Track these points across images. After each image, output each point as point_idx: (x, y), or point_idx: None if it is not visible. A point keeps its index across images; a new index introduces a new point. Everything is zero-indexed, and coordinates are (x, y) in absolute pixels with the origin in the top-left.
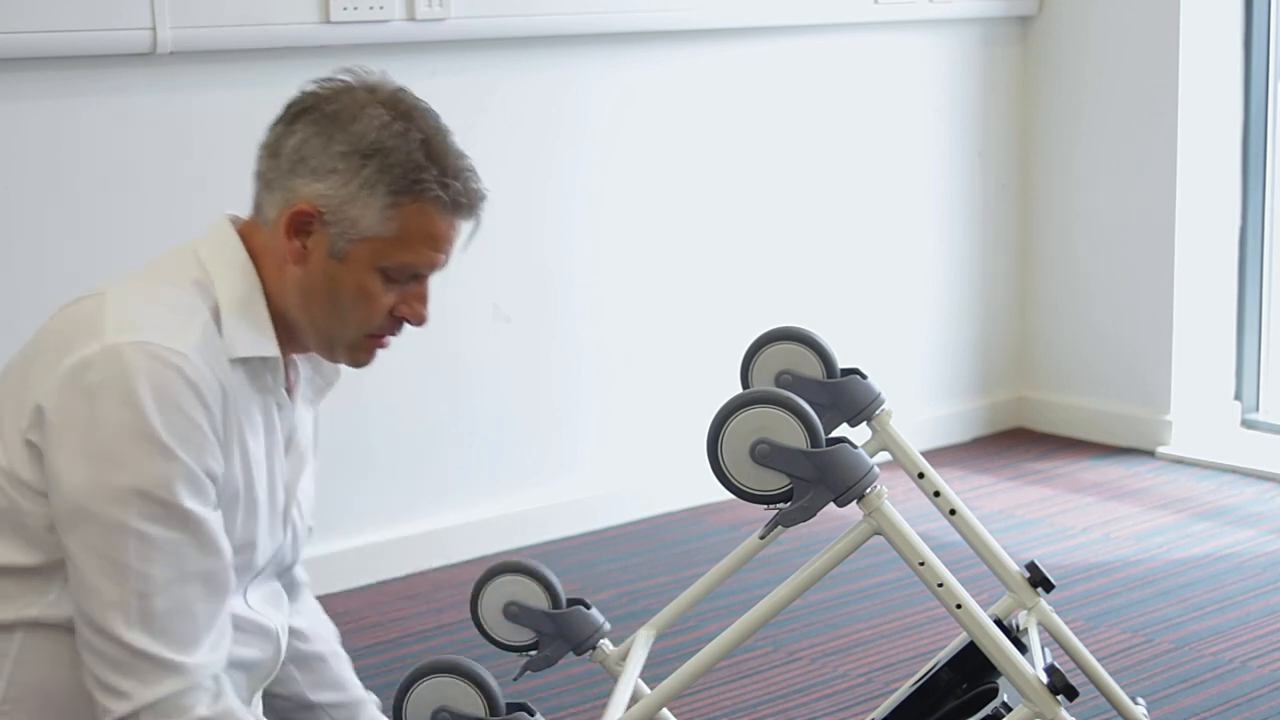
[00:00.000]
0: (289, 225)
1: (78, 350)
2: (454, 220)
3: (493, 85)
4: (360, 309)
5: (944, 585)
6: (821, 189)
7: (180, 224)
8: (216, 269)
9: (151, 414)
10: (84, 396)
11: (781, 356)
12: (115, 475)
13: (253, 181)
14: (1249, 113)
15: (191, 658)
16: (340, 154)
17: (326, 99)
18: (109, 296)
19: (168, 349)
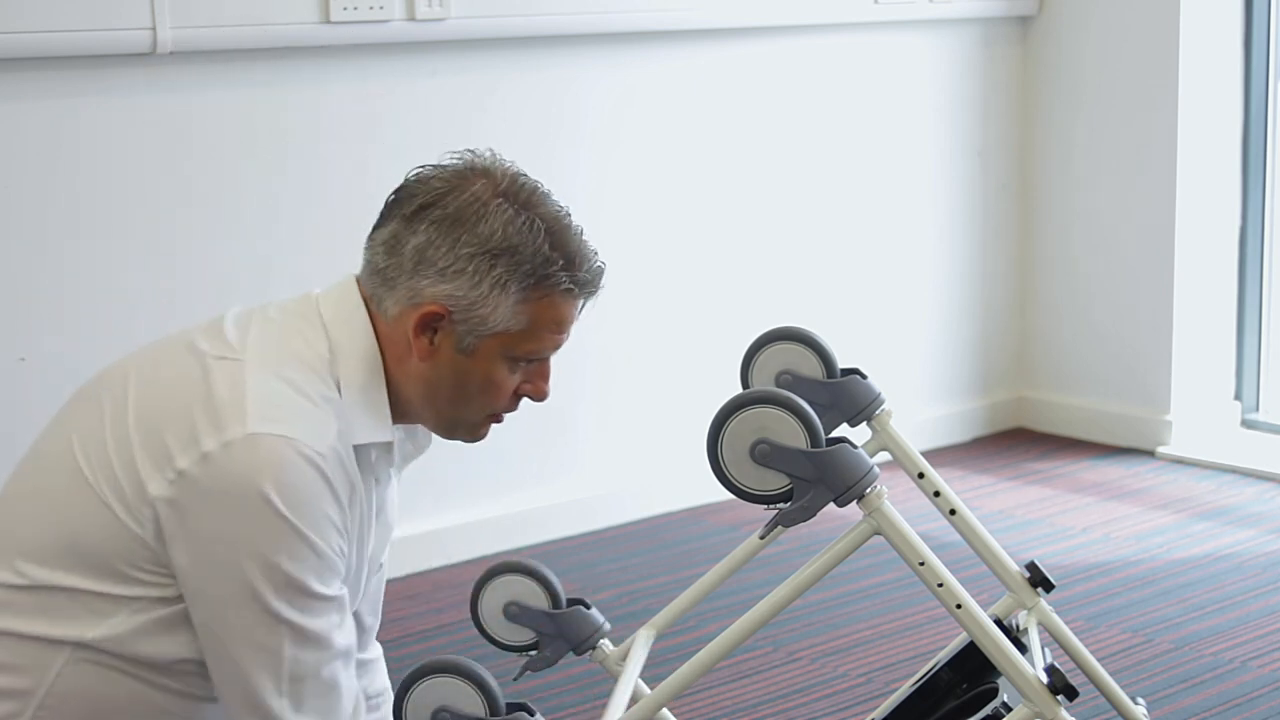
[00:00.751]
0: (417, 325)
1: (222, 431)
2: (578, 304)
3: (493, 85)
4: (487, 396)
5: (944, 585)
6: (821, 189)
7: (181, 224)
8: (343, 350)
9: (294, 509)
10: (227, 485)
11: (781, 356)
12: (264, 569)
13: (366, 266)
14: (1249, 113)
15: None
16: (468, 255)
17: (445, 195)
18: (249, 369)
19: (309, 448)
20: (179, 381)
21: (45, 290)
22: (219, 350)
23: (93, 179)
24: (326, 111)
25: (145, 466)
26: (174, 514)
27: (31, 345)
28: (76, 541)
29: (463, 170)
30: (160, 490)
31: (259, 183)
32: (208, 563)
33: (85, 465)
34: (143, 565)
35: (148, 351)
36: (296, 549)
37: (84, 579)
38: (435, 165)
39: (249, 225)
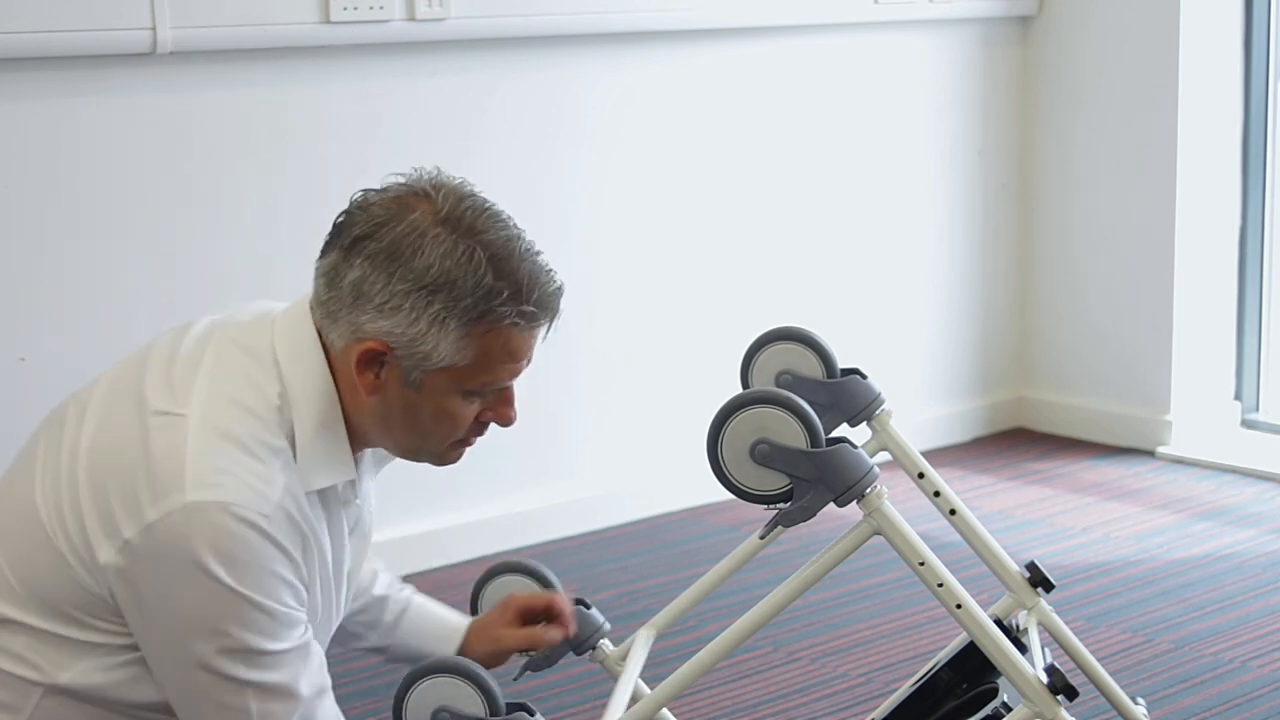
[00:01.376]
0: (359, 361)
1: (161, 500)
2: (533, 332)
3: (493, 85)
4: (443, 428)
5: (944, 585)
6: (821, 189)
7: (181, 224)
8: (296, 393)
9: (237, 576)
10: (169, 556)
11: (781, 356)
12: (214, 639)
13: (313, 294)
14: (1249, 113)
15: None
16: (404, 291)
17: (382, 225)
18: (190, 428)
19: (250, 510)
20: (124, 438)
21: (45, 290)
22: (162, 403)
23: (93, 179)
24: (326, 112)
25: (95, 532)
26: (123, 583)
27: (31, 345)
28: (39, 585)
29: (404, 196)
30: (109, 558)
31: (259, 183)
32: (160, 632)
33: (44, 512)
34: (103, 616)
35: (109, 382)
36: (244, 615)
37: (47, 622)
38: (379, 189)
39: (249, 225)
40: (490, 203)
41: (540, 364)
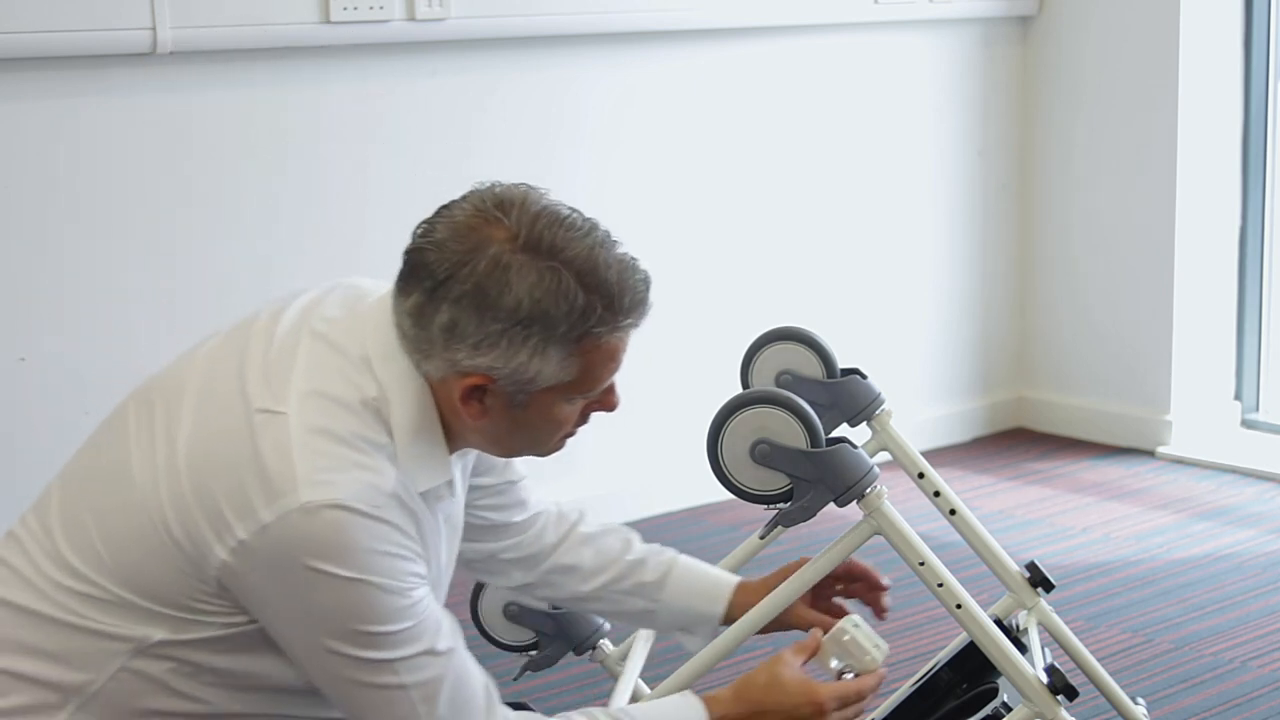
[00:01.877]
0: (463, 395)
1: (275, 500)
2: (630, 332)
3: (493, 85)
4: (550, 431)
5: (944, 585)
6: (821, 189)
7: (181, 224)
8: (393, 392)
9: (358, 567)
10: (289, 556)
11: (781, 356)
12: (344, 635)
13: (397, 326)
14: (1249, 113)
15: (490, 711)
16: (499, 331)
17: (463, 264)
18: (293, 426)
19: (364, 504)
20: (228, 440)
21: (45, 290)
22: (264, 400)
23: (93, 179)
24: (326, 112)
25: (204, 529)
26: (239, 580)
27: (31, 345)
28: (132, 564)
29: (476, 225)
30: (222, 556)
31: (259, 183)
32: (287, 627)
33: (143, 507)
34: (209, 600)
35: (203, 372)
36: (371, 601)
37: (151, 603)
38: (445, 216)
39: (249, 225)
40: (561, 208)
41: None
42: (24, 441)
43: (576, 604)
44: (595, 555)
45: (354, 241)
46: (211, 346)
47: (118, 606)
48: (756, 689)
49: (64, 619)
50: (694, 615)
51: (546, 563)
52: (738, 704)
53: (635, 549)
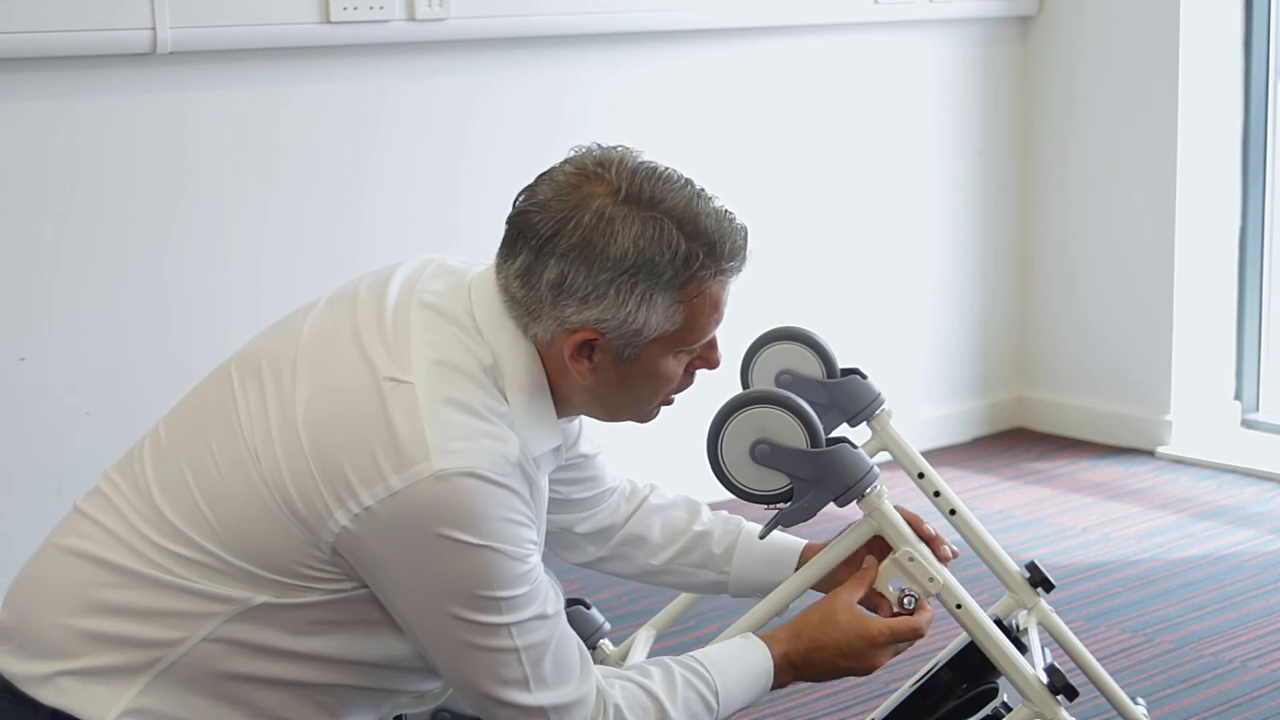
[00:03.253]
0: (572, 351)
1: (406, 467)
2: (733, 279)
3: (493, 85)
4: (656, 388)
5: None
6: (821, 189)
7: (180, 223)
8: (505, 361)
9: (484, 534)
10: (417, 522)
11: (781, 356)
12: (466, 599)
13: (502, 290)
14: (1249, 113)
15: (587, 681)
16: (607, 281)
17: (566, 219)
18: (421, 395)
19: (493, 472)
20: (354, 406)
21: (45, 290)
22: (388, 369)
23: (92, 179)
24: (326, 112)
25: (326, 495)
26: (358, 547)
27: (31, 345)
28: (248, 536)
29: (577, 183)
30: (343, 523)
31: (259, 182)
32: (406, 594)
33: (256, 472)
34: (318, 566)
35: (315, 340)
36: (492, 566)
37: (257, 568)
38: (547, 178)
39: (249, 225)
40: (656, 163)
41: None
42: (24, 441)
43: (649, 578)
44: (664, 527)
45: (354, 241)
46: (316, 316)
47: (220, 571)
48: (811, 625)
49: (161, 579)
50: (764, 584)
51: (618, 536)
52: (794, 640)
53: (703, 519)
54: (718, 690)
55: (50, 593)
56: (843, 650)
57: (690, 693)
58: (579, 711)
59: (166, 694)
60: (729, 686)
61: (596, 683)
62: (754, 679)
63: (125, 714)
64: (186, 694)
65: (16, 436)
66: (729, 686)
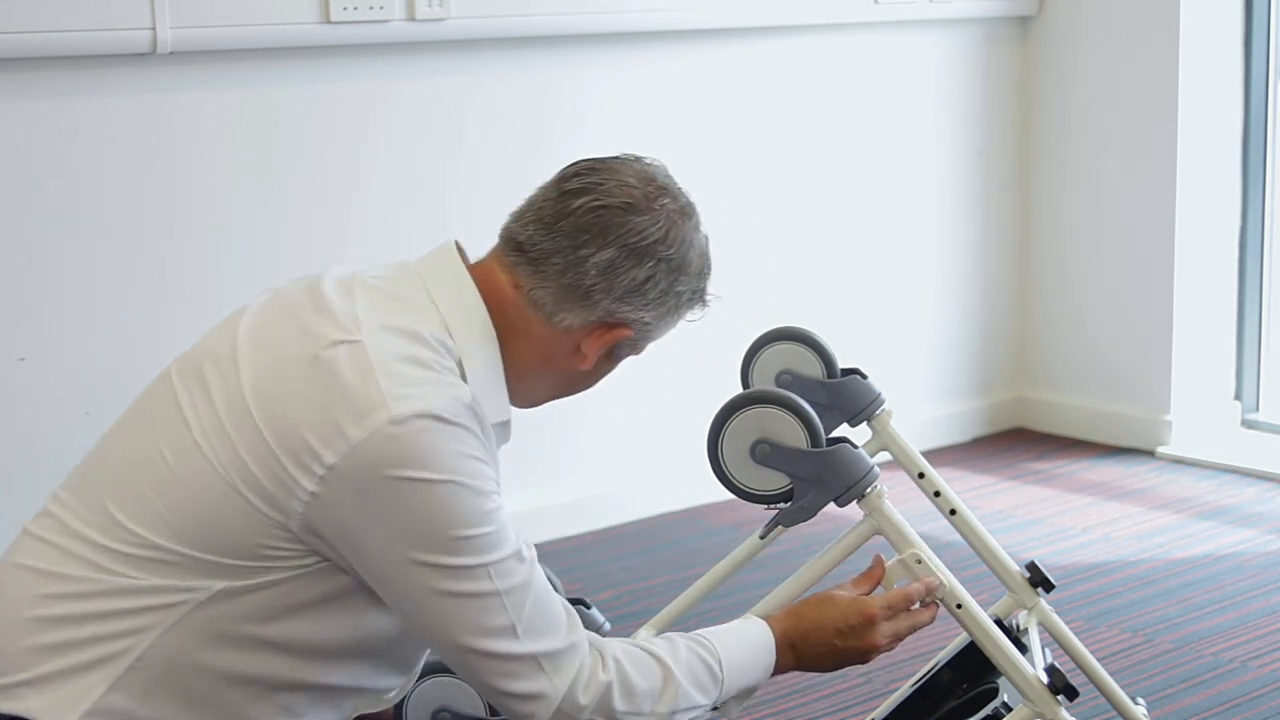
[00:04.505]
0: (605, 343)
1: (364, 418)
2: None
3: (492, 85)
4: (597, 382)
5: (944, 585)
6: (821, 189)
7: (180, 223)
8: (459, 329)
9: (448, 470)
10: (381, 471)
11: (781, 356)
12: (440, 535)
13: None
14: (1249, 113)
15: (575, 632)
16: (678, 293)
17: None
18: (369, 350)
19: (448, 412)
20: (303, 374)
21: (45, 290)
22: (333, 333)
23: (92, 179)
24: (326, 112)
25: (290, 466)
26: (328, 510)
27: (31, 345)
28: (208, 526)
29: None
30: (312, 486)
31: (259, 182)
32: (380, 552)
33: (209, 458)
34: (282, 545)
35: (253, 331)
36: (460, 504)
37: (217, 555)
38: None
39: (248, 224)
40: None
41: None
42: (24, 441)
43: None
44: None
45: (354, 240)
46: (251, 315)
47: (174, 564)
48: (809, 606)
49: (112, 582)
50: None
51: None
52: (793, 620)
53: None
54: (721, 660)
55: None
56: (840, 629)
57: (694, 659)
58: (572, 659)
59: (132, 693)
60: (732, 658)
61: (590, 639)
62: (756, 653)
63: (89, 714)
64: (151, 694)
65: (16, 436)
66: (732, 658)
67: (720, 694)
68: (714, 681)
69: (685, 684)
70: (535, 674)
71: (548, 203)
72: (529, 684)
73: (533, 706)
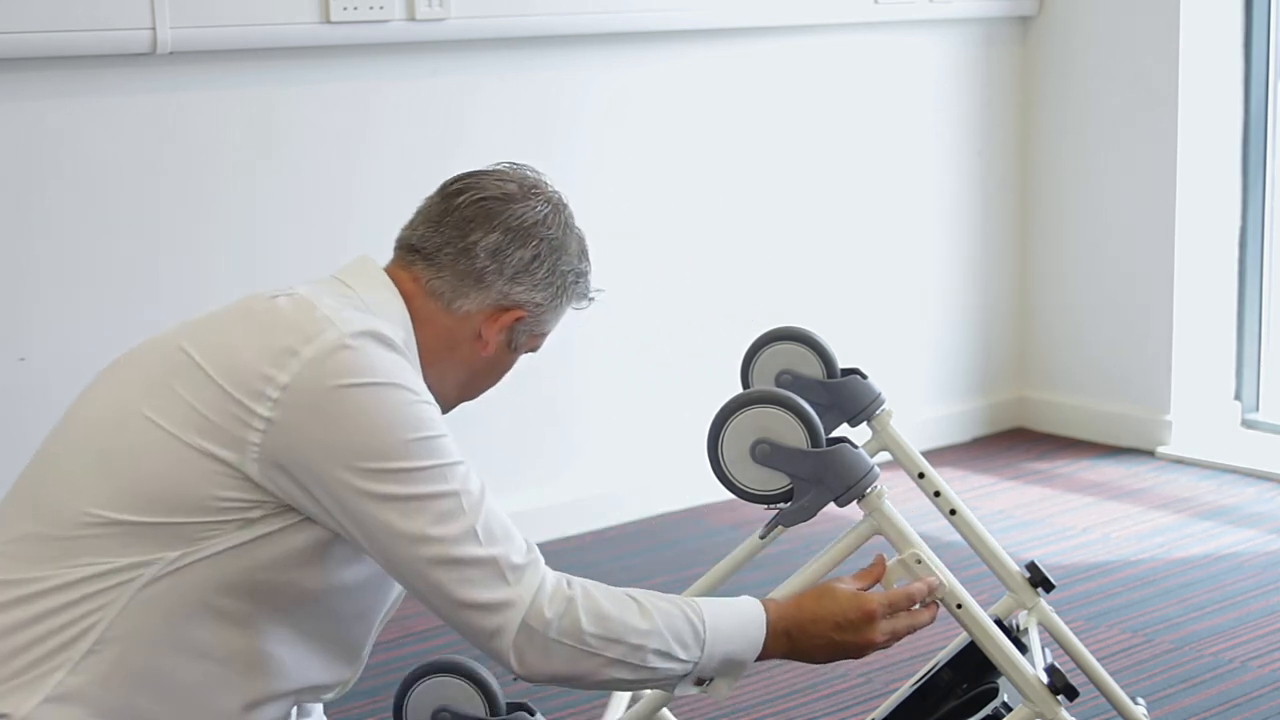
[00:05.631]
0: (500, 326)
1: (315, 338)
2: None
3: (493, 85)
4: (499, 378)
5: (944, 585)
6: (821, 189)
7: (180, 223)
8: (380, 313)
9: (403, 381)
10: (331, 383)
11: (781, 356)
12: (402, 434)
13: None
14: (1249, 113)
15: (533, 548)
16: (562, 273)
17: (543, 224)
18: (312, 294)
19: (395, 338)
20: (249, 324)
21: (45, 290)
22: (270, 294)
23: (92, 179)
24: (326, 112)
25: (245, 399)
26: (285, 439)
27: (31, 345)
28: (160, 487)
29: (548, 196)
30: (267, 412)
31: (259, 182)
32: (337, 472)
33: (158, 417)
34: (238, 497)
35: (186, 327)
36: (408, 406)
37: (169, 516)
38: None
39: (249, 224)
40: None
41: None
42: (24, 441)
43: None
44: None
45: (354, 240)
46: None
47: (128, 537)
48: (809, 598)
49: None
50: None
51: None
52: (791, 607)
53: None
54: (704, 619)
55: None
56: (839, 622)
57: (674, 610)
58: (534, 573)
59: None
60: (718, 623)
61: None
62: (745, 624)
63: (49, 700)
64: (111, 676)
65: (16, 436)
66: (718, 623)
67: (702, 655)
68: (695, 638)
69: (661, 626)
70: (498, 581)
71: (433, 206)
72: (493, 592)
73: (499, 618)
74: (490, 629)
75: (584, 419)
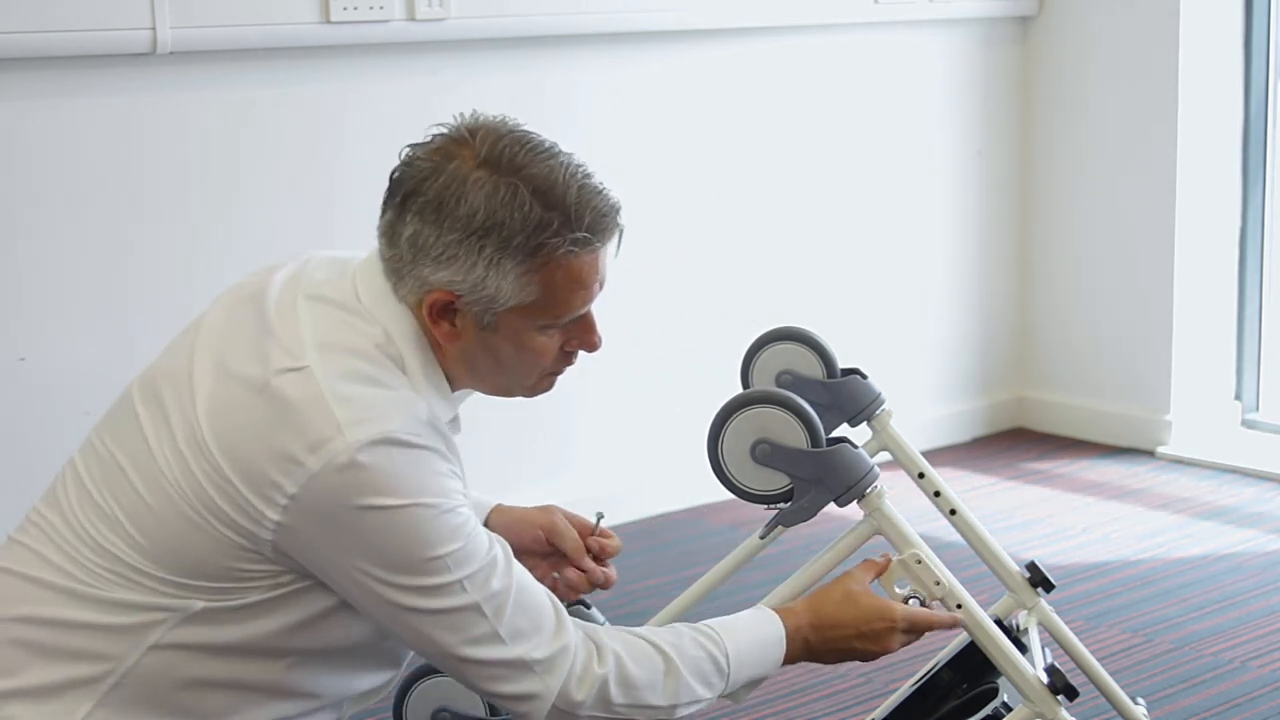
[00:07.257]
0: (431, 313)
1: (321, 448)
2: (595, 254)
3: (493, 85)
4: (527, 363)
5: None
6: (822, 189)
7: (180, 224)
8: (396, 334)
9: (411, 493)
10: (343, 499)
11: (781, 356)
12: (410, 558)
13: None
14: (1249, 113)
15: (564, 629)
16: (455, 240)
17: (426, 178)
18: (318, 376)
19: (407, 433)
20: (256, 408)
21: (45, 290)
22: (280, 358)
23: (93, 179)
24: (326, 112)
25: (254, 499)
26: (296, 540)
27: (31, 345)
28: (182, 553)
29: (444, 146)
30: (276, 516)
31: (259, 182)
32: (353, 575)
33: (175, 491)
34: (256, 566)
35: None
36: (426, 525)
37: (193, 579)
38: (422, 143)
39: (249, 224)
40: (531, 134)
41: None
42: (24, 441)
43: None
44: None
45: (354, 239)
46: (205, 329)
47: (153, 588)
48: (831, 603)
49: (96, 594)
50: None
51: None
52: (811, 615)
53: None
54: (728, 653)
55: None
56: (861, 631)
57: (699, 651)
58: (563, 656)
59: (118, 709)
60: (740, 652)
61: (588, 633)
62: (766, 647)
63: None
64: (137, 707)
65: (16, 436)
66: (740, 652)
67: (726, 687)
68: (719, 674)
69: (687, 675)
70: (525, 675)
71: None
72: (520, 685)
73: (527, 706)
74: (520, 711)
75: (583, 419)
